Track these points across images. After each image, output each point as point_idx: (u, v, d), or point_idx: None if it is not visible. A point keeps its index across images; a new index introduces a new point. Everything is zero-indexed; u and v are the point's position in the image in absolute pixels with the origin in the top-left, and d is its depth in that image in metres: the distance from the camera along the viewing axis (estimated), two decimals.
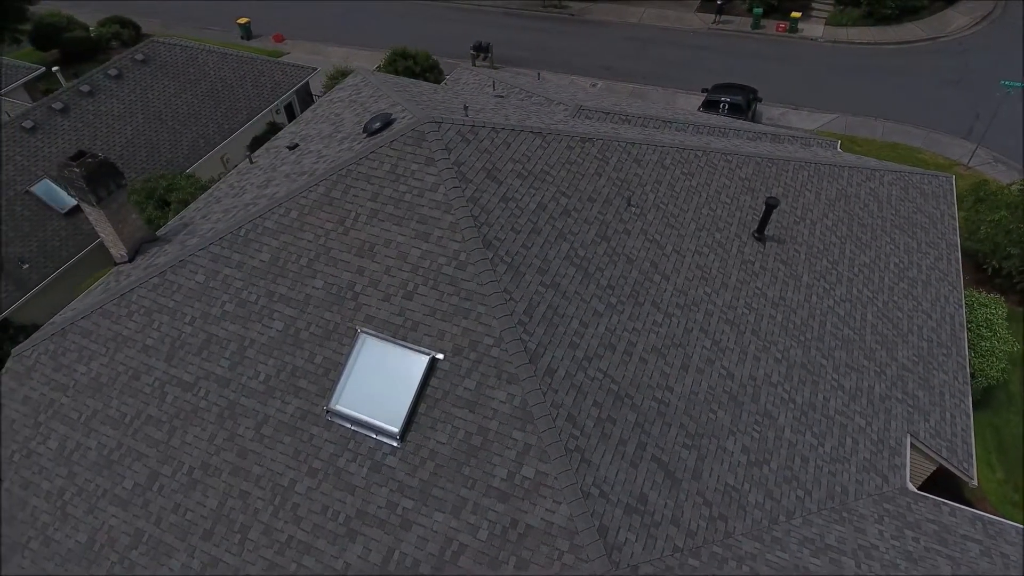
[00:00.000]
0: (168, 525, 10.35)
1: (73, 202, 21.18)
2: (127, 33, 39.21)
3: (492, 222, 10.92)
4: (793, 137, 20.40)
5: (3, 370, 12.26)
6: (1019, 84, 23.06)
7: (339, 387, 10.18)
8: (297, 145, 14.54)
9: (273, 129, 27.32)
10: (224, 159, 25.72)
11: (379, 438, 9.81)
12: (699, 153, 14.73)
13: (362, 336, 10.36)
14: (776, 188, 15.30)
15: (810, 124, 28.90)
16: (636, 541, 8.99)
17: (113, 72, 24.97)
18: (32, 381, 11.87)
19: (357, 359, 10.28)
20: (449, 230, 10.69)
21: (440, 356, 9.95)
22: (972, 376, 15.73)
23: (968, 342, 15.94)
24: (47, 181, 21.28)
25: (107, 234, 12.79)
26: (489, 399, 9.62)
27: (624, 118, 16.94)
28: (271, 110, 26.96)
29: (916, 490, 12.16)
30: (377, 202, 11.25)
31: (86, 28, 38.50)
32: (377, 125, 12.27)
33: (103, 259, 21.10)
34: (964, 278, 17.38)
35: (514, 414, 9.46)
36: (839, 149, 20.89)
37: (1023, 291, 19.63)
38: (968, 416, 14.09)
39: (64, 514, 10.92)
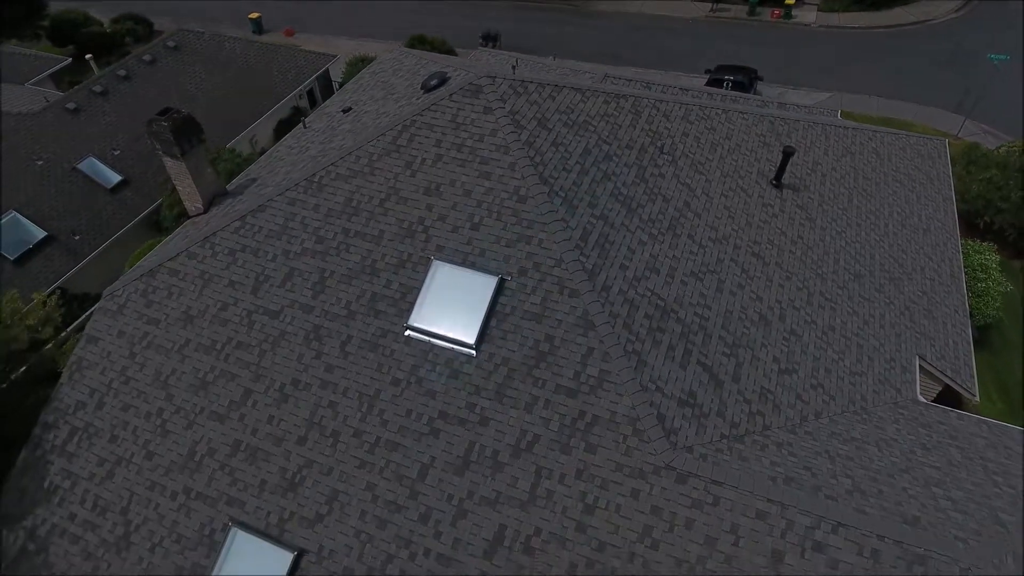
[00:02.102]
0: (264, 435, 11.52)
1: (118, 178, 22.34)
2: (141, 29, 40.35)
3: (546, 162, 12.19)
4: (797, 107, 21.83)
5: (95, 308, 13.38)
6: (1005, 57, 24.64)
7: (416, 307, 11.40)
8: (351, 108, 15.75)
9: (297, 112, 28.52)
10: (252, 140, 26.87)
11: (456, 348, 11.04)
12: (719, 111, 16.08)
13: (435, 263, 11.59)
14: (789, 143, 16.65)
15: (808, 102, 30.32)
16: (689, 428, 10.27)
17: (147, 58, 26.09)
18: (125, 317, 13.00)
19: (432, 283, 11.50)
20: (509, 169, 11.95)
21: (508, 277, 11.20)
22: (970, 314, 17.14)
23: (966, 284, 17.37)
24: (92, 159, 22.36)
25: (185, 186, 13.94)
26: (554, 311, 10.87)
27: (646, 85, 18.28)
28: (296, 94, 28.12)
29: (926, 401, 13.52)
30: (441, 148, 12.49)
31: (101, 24, 39.53)
32: (434, 82, 13.52)
33: (149, 232, 22.25)
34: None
35: (577, 323, 10.72)
36: (839, 117, 22.34)
37: (1015, 243, 21.14)
38: (969, 344, 15.50)
39: (164, 431, 12.05)
